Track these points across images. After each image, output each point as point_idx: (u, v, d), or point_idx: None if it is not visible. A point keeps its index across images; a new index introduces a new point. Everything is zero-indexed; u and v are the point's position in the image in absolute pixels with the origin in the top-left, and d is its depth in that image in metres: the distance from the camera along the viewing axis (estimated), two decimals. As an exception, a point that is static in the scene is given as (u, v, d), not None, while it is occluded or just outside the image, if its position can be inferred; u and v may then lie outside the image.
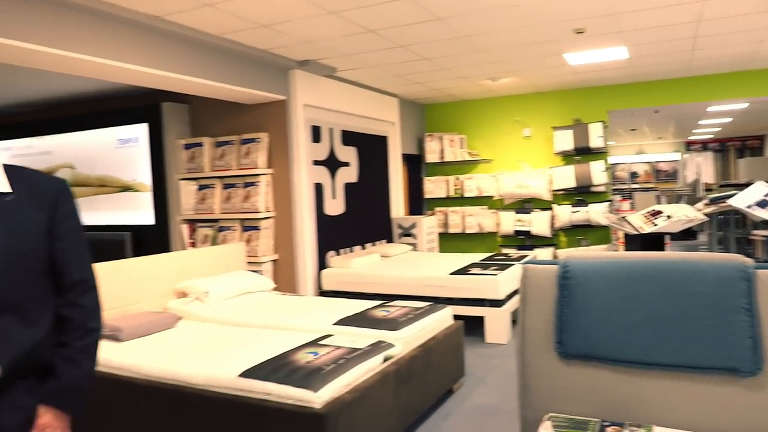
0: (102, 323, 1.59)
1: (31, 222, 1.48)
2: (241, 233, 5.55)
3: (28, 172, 1.55)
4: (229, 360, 2.95)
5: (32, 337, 1.47)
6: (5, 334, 1.42)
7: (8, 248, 1.43)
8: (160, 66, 4.05)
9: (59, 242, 1.51)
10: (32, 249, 1.47)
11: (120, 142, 6.22)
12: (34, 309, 1.48)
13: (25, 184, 1.50)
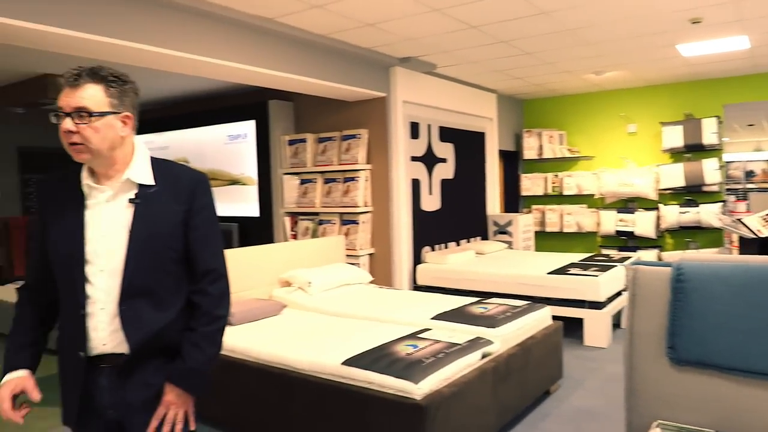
0: (228, 311, 1.70)
1: (170, 212, 1.61)
2: (340, 227, 5.73)
3: (171, 165, 1.70)
4: (331, 348, 3.08)
5: (161, 321, 1.60)
6: (136, 316, 1.57)
7: (146, 236, 1.57)
8: (269, 65, 4.27)
9: (194, 232, 1.64)
10: (169, 238, 1.60)
11: (229, 138, 6.60)
12: (166, 295, 1.62)
13: (168, 177, 1.65)
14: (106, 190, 1.59)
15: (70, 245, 1.56)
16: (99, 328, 1.56)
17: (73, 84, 1.50)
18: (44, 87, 5.56)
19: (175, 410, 1.62)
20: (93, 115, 1.51)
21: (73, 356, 1.58)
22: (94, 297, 1.55)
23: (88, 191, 1.60)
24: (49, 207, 1.64)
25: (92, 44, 3.37)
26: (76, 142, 1.51)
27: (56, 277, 1.63)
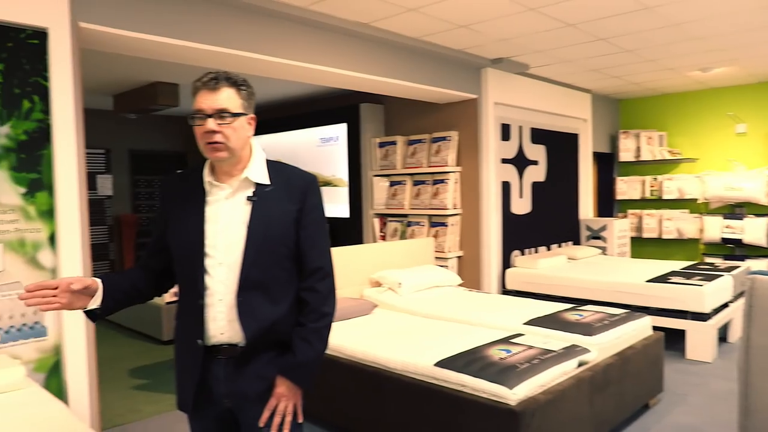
0: (335, 309, 1.77)
1: (284, 211, 1.69)
2: (429, 228, 5.74)
3: (284, 166, 1.79)
4: (423, 349, 3.10)
5: (274, 314, 1.68)
6: (252, 308, 1.65)
7: (264, 233, 1.66)
8: (362, 69, 4.36)
9: (304, 231, 1.72)
10: (283, 235, 1.68)
11: (322, 141, 6.79)
12: (279, 289, 1.70)
13: (282, 177, 1.73)
14: (225, 188, 1.70)
15: (191, 238, 1.67)
16: (217, 318, 1.66)
17: (212, 87, 1.61)
18: (154, 94, 5.97)
19: (286, 402, 1.70)
20: (232, 116, 1.62)
21: (191, 344, 1.68)
22: (212, 288, 1.65)
23: (209, 188, 1.71)
24: (171, 202, 1.76)
25: (199, 53, 3.58)
26: (218, 141, 1.62)
27: (176, 268, 1.75)
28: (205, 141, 1.63)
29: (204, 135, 1.62)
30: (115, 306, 1.70)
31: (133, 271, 1.83)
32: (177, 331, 1.79)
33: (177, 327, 1.79)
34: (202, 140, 1.63)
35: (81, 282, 1.59)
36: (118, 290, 1.71)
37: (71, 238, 2.88)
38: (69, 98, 2.87)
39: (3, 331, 2.70)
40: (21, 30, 2.75)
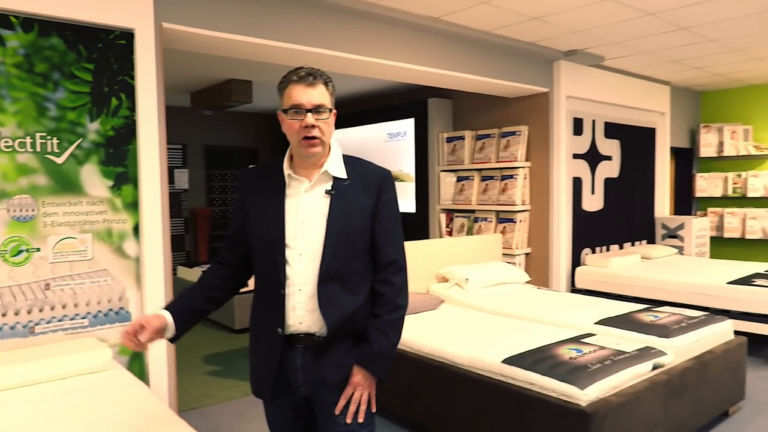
0: (407, 302, 1.80)
1: (361, 204, 1.73)
2: (496, 224, 5.67)
3: (360, 161, 1.82)
4: (491, 345, 3.07)
5: (352, 304, 1.72)
6: (331, 298, 1.70)
7: (343, 226, 1.70)
8: (432, 64, 4.35)
9: (379, 225, 1.75)
10: (360, 228, 1.72)
11: (389, 136, 6.82)
12: (356, 281, 1.74)
13: (358, 172, 1.77)
14: (305, 181, 1.75)
15: (271, 230, 1.72)
16: (297, 308, 1.71)
17: (310, 83, 1.67)
18: (229, 91, 6.17)
19: (361, 391, 1.74)
20: (329, 111, 1.70)
21: (270, 333, 1.73)
22: (292, 278, 1.71)
23: (288, 181, 1.76)
24: (251, 194, 1.81)
25: (274, 50, 3.67)
26: (315, 136, 1.67)
27: (256, 259, 1.81)
28: (302, 135, 1.67)
29: (301, 129, 1.67)
30: (189, 325, 1.82)
31: (205, 281, 1.88)
32: (254, 320, 1.85)
33: (254, 316, 1.85)
34: (298, 135, 1.68)
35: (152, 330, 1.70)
36: (188, 310, 1.82)
37: (153, 229, 3.03)
38: (153, 96, 3.02)
39: (92, 316, 2.88)
40: (110, 31, 2.91)
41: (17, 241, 2.69)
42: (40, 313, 2.75)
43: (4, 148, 2.65)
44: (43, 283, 2.76)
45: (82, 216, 2.87)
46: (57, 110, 2.78)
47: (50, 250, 2.78)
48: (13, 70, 2.66)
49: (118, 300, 2.97)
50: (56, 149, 2.78)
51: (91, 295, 2.88)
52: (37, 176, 2.74)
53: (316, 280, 1.69)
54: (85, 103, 2.86)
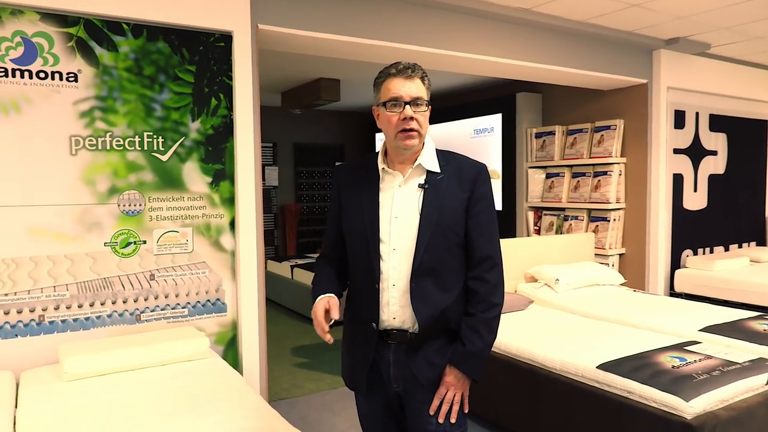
0: (503, 299, 1.75)
1: (455, 199, 1.70)
2: (588, 223, 5.44)
3: (454, 155, 1.80)
4: (584, 350, 2.94)
5: (445, 301, 1.70)
6: (424, 294, 1.68)
7: (436, 220, 1.67)
8: (523, 57, 4.22)
9: (473, 220, 1.71)
10: (454, 223, 1.69)
11: (475, 132, 6.72)
12: (449, 276, 1.71)
13: (452, 166, 1.75)
14: (398, 175, 1.74)
15: (365, 224, 1.73)
16: (390, 303, 1.71)
17: (408, 76, 1.67)
18: (318, 90, 6.31)
19: (454, 391, 1.71)
20: (427, 104, 1.70)
21: (365, 327, 1.74)
22: (386, 273, 1.70)
23: (382, 176, 1.76)
24: (345, 189, 1.83)
25: (363, 48, 3.70)
26: (413, 129, 1.67)
27: (350, 253, 1.82)
28: (400, 128, 1.67)
29: (400, 122, 1.67)
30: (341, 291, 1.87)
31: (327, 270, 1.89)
32: (348, 314, 1.87)
33: (348, 310, 1.87)
34: (396, 127, 1.68)
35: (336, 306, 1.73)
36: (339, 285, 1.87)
37: (248, 224, 3.14)
38: (249, 95, 3.13)
39: (191, 306, 3.03)
40: (210, 34, 3.04)
41: (126, 233, 2.87)
42: (146, 301, 2.92)
43: (115, 147, 2.83)
44: (149, 273, 2.93)
45: (184, 211, 3.02)
46: (162, 110, 2.94)
47: (155, 243, 2.94)
48: (124, 74, 2.84)
49: (215, 291, 3.10)
50: (161, 147, 2.94)
51: (190, 286, 3.03)
52: (144, 173, 2.91)
53: (409, 276, 1.68)
54: (187, 103, 3.00)
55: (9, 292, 2.62)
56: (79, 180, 2.76)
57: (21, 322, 2.65)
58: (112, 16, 2.77)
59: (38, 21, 2.64)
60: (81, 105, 2.75)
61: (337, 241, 1.87)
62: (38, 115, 2.66)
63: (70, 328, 2.75)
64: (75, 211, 2.76)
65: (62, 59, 2.70)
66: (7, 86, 2.59)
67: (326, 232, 1.94)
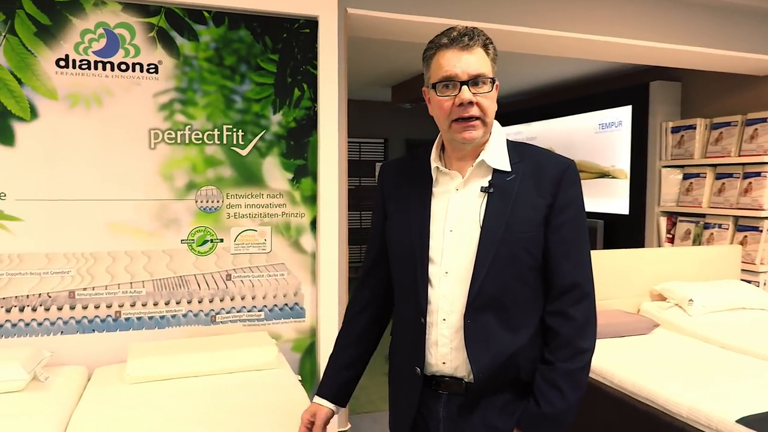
0: (594, 342, 1.33)
1: (530, 207, 1.29)
2: (734, 233, 4.63)
3: (532, 149, 1.38)
4: (721, 394, 2.37)
5: (512, 345, 1.29)
6: (484, 334, 1.28)
7: (503, 235, 1.27)
8: (657, 37, 3.61)
9: (556, 234, 1.30)
10: (528, 239, 1.29)
11: (600, 127, 6.05)
12: (519, 311, 1.31)
13: (528, 163, 1.33)
14: (456, 176, 1.36)
15: (412, 239, 1.35)
16: (440, 343, 1.33)
17: (466, 45, 1.27)
18: (427, 82, 5.99)
19: None
20: (492, 82, 1.30)
21: (408, 370, 1.38)
22: (436, 304, 1.32)
23: (436, 176, 1.39)
24: (391, 193, 1.47)
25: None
26: (473, 116, 1.28)
27: (394, 275, 1.46)
28: (456, 116, 1.29)
29: (455, 108, 1.28)
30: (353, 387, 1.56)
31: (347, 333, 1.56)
32: (392, 350, 1.51)
33: (392, 345, 1.51)
34: (450, 116, 1.30)
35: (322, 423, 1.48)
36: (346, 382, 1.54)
37: (330, 224, 2.91)
38: (334, 85, 2.89)
39: (267, 309, 2.86)
40: (295, 20, 2.84)
41: (203, 231, 2.76)
42: (221, 302, 2.79)
43: (194, 141, 2.72)
44: (225, 273, 2.80)
45: (263, 208, 2.85)
46: (243, 102, 2.79)
47: (232, 242, 2.81)
48: (204, 64, 2.72)
49: (293, 295, 2.91)
50: (241, 141, 2.80)
51: (268, 288, 2.87)
52: (222, 168, 2.78)
53: (463, 308, 1.29)
54: (269, 94, 2.83)
55: (87, 287, 2.60)
56: (157, 174, 2.68)
57: (98, 318, 2.62)
58: (193, 4, 2.66)
59: (120, 11, 2.58)
60: (161, 97, 2.67)
61: (380, 258, 1.50)
62: (119, 108, 2.61)
63: (145, 326, 2.69)
64: (153, 207, 2.68)
65: (143, 50, 2.63)
66: (89, 79, 2.56)
67: (368, 247, 1.57)
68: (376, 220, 1.52)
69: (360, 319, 1.55)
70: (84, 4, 2.53)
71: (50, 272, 2.55)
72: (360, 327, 1.55)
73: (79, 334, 2.60)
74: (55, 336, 2.57)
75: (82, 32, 2.54)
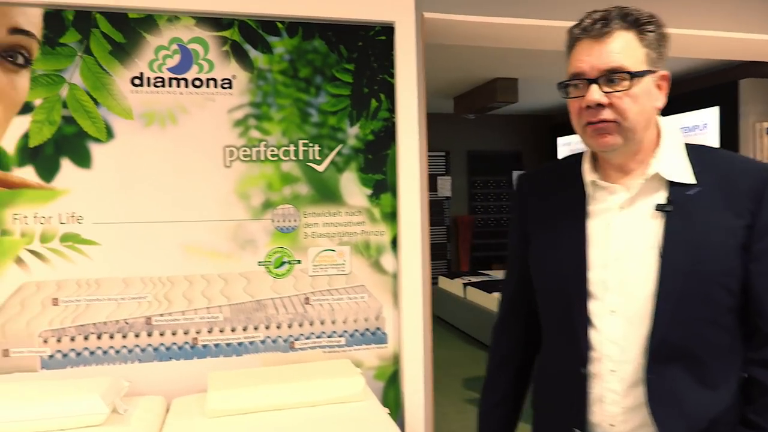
0: None
1: (723, 229, 1.03)
2: None
3: (718, 153, 1.12)
4: None
5: (713, 407, 1.03)
6: (673, 392, 1.02)
7: (689, 265, 1.02)
8: (750, 28, 3.28)
9: (758, 264, 1.03)
10: (721, 271, 1.02)
11: (683, 131, 5.66)
12: (715, 362, 1.04)
13: (716, 173, 1.07)
14: (620, 191, 1.11)
15: (564, 268, 1.12)
16: (607, 400, 1.08)
17: (599, 33, 1.04)
18: (493, 92, 5.78)
19: None
20: (632, 77, 1.03)
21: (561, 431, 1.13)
22: (600, 351, 1.08)
23: (591, 191, 1.15)
24: (532, 211, 1.24)
25: (549, 32, 3.10)
26: (606, 120, 1.04)
27: (542, 312, 1.22)
28: (585, 120, 1.06)
29: (582, 112, 1.06)
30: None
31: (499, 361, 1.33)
32: (537, 403, 1.26)
33: (538, 397, 1.25)
34: (580, 120, 1.08)
35: None
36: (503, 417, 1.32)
37: (412, 243, 2.72)
38: (413, 94, 2.72)
39: (348, 334, 2.69)
40: (371, 27, 2.70)
41: (280, 252, 2.62)
42: (300, 328, 2.64)
43: (269, 157, 2.59)
44: (303, 296, 2.65)
45: (341, 227, 2.69)
46: (318, 116, 2.65)
47: (310, 263, 2.65)
48: (279, 77, 2.60)
49: (375, 319, 2.72)
50: (317, 156, 2.65)
51: (348, 312, 2.69)
52: (299, 185, 2.64)
53: (643, 358, 1.04)
54: (345, 106, 2.69)
55: (164, 313, 2.49)
56: (232, 194, 2.56)
57: (175, 345, 2.51)
58: (267, 15, 2.55)
59: (194, 26, 2.49)
60: (235, 113, 2.56)
61: (522, 290, 1.26)
62: (194, 125, 2.51)
63: (223, 353, 2.55)
64: (229, 228, 2.56)
65: (217, 65, 2.52)
66: (164, 96, 2.48)
67: (506, 276, 1.34)
68: (515, 245, 1.28)
69: (502, 375, 1.32)
70: (158, 19, 2.45)
71: (127, 298, 2.45)
72: (503, 386, 1.31)
73: (156, 362, 2.48)
74: (131, 364, 2.47)
75: (156, 49, 2.46)
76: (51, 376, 2.37)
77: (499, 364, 1.32)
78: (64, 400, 2.00)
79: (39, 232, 2.37)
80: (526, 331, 1.29)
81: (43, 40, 2.35)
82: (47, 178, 2.37)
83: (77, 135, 2.39)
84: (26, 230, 2.36)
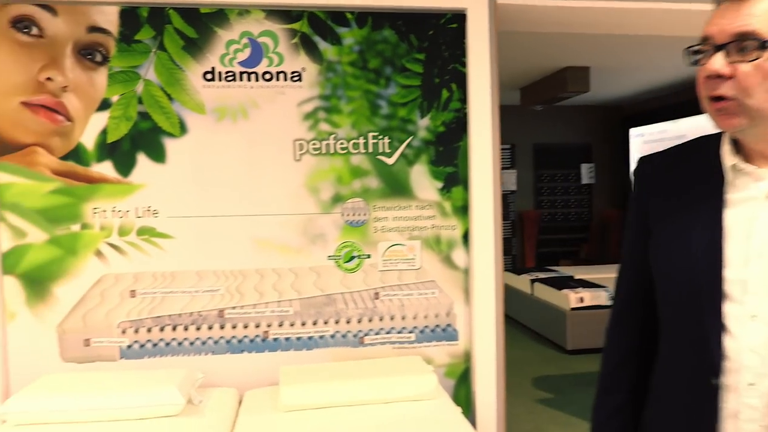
0: None
1: None
2: None
3: None
4: None
5: None
6: None
7: None
8: None
9: None
10: None
11: None
12: None
13: None
14: (765, 176, 0.95)
15: (695, 265, 0.97)
16: (743, 417, 0.93)
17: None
18: (563, 81, 5.57)
19: None
20: (761, 47, 0.87)
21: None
22: (737, 361, 0.92)
23: (731, 177, 0.98)
24: (654, 199, 1.07)
25: (627, 15, 2.92)
26: (725, 96, 0.90)
27: (665, 316, 1.06)
28: (706, 94, 0.93)
29: (704, 84, 0.93)
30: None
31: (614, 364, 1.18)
32: (654, 421, 1.09)
33: (653, 415, 1.09)
34: (704, 92, 0.94)
35: None
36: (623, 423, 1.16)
37: (485, 237, 2.63)
38: (486, 83, 2.63)
39: (418, 330, 2.62)
40: (442, 15, 2.61)
41: (350, 246, 2.58)
42: (369, 323, 2.60)
43: (339, 150, 2.56)
44: (373, 292, 2.60)
45: (411, 221, 2.63)
46: (388, 107, 2.60)
47: (380, 258, 2.60)
48: (348, 69, 2.56)
49: (446, 315, 2.65)
50: (387, 149, 2.60)
51: (418, 307, 2.63)
52: (368, 179, 2.59)
53: None
54: (415, 97, 2.62)
55: (236, 305, 2.51)
56: (302, 187, 2.54)
57: (247, 338, 2.52)
58: (336, 6, 2.51)
59: (263, 19, 2.48)
60: (305, 106, 2.53)
61: (639, 290, 1.11)
62: (264, 119, 2.51)
63: (293, 346, 2.54)
64: (299, 222, 2.55)
65: (286, 58, 2.51)
66: (236, 90, 2.48)
67: (620, 277, 1.18)
68: (633, 238, 1.13)
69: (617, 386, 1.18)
70: (228, 13, 2.46)
71: (201, 290, 2.48)
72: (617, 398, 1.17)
73: (228, 354, 2.50)
74: (205, 356, 2.50)
75: (227, 43, 2.47)
76: (129, 366, 2.43)
77: (617, 365, 1.18)
78: (143, 390, 2.04)
79: (117, 226, 2.43)
80: (641, 337, 1.14)
81: (119, 38, 2.40)
82: (124, 172, 2.43)
83: (152, 130, 2.43)
84: (105, 224, 2.42)
